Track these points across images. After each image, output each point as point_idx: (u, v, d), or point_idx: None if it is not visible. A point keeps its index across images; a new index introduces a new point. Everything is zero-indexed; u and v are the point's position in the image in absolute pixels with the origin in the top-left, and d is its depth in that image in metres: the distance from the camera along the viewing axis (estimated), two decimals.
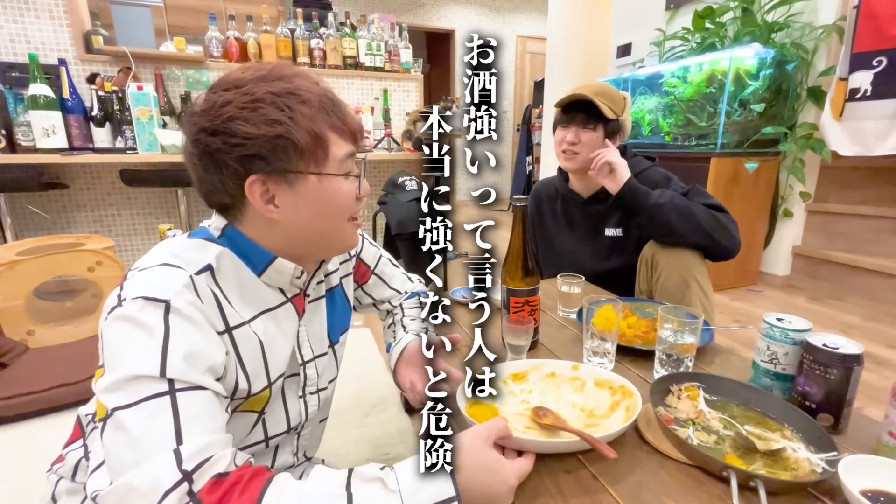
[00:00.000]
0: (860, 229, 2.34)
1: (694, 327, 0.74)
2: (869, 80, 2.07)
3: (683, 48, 2.85)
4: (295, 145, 0.51)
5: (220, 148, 0.50)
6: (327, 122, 0.53)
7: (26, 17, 2.26)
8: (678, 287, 1.12)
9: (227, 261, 0.55)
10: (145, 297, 0.45)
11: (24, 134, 2.09)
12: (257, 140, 0.50)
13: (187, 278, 0.49)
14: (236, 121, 0.49)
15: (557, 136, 1.26)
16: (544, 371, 0.76)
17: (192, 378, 0.44)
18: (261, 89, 0.50)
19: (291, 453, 0.69)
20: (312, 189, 0.54)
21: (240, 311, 0.54)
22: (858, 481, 0.49)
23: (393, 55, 2.93)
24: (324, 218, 0.57)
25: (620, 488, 0.54)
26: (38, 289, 1.72)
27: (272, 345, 0.57)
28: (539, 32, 6.01)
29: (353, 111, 0.59)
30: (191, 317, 0.47)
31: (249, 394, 0.55)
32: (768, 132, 2.34)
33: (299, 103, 0.51)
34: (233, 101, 0.50)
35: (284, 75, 0.53)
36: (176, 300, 0.46)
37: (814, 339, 0.63)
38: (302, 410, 0.65)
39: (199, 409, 0.43)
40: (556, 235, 1.40)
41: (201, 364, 0.46)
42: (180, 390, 0.43)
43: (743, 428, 0.61)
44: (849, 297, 2.32)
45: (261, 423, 0.60)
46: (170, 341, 0.44)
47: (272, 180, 0.52)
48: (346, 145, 0.56)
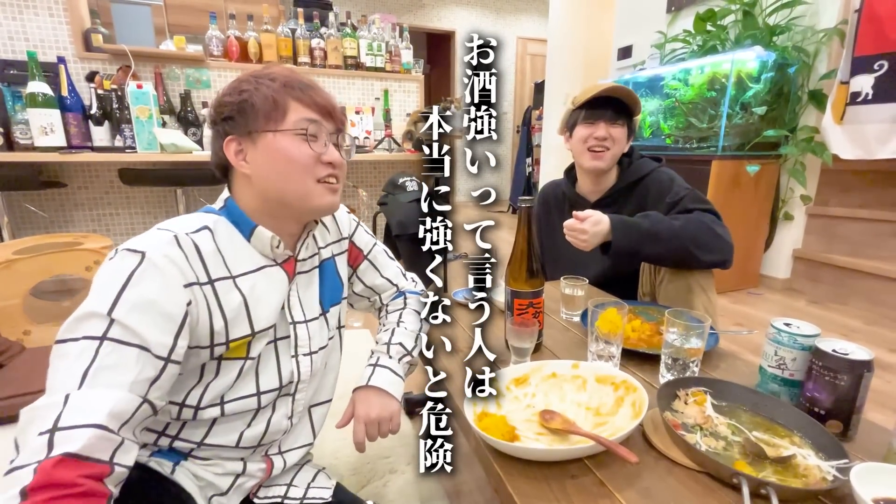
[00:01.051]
0: (861, 233, 2.33)
1: (700, 331, 0.73)
2: (870, 84, 2.07)
3: (685, 51, 2.85)
4: (253, 107, 0.62)
5: (213, 118, 0.65)
6: (290, 94, 0.63)
7: (25, 14, 2.25)
8: (682, 290, 1.11)
9: (223, 226, 0.64)
10: (127, 249, 0.54)
11: (22, 132, 2.08)
12: (230, 105, 0.63)
13: (171, 237, 0.57)
14: (223, 95, 0.64)
15: (581, 133, 1.21)
16: (545, 372, 0.75)
17: (132, 322, 0.50)
18: (246, 74, 0.65)
19: (286, 416, 0.71)
20: (270, 145, 0.62)
21: (230, 267, 0.62)
22: (871, 490, 0.48)
23: (394, 56, 2.92)
24: (279, 172, 0.63)
25: (628, 495, 0.53)
26: (34, 288, 1.71)
27: (259, 299, 0.64)
28: (540, 34, 6.01)
29: (330, 95, 0.67)
30: (162, 268, 0.54)
31: (228, 339, 0.61)
32: (769, 135, 2.34)
33: (267, 79, 0.63)
34: (229, 86, 0.65)
35: (273, 72, 0.65)
36: (152, 252, 0.54)
37: (823, 345, 0.63)
38: (294, 370, 0.70)
39: (115, 360, 0.49)
40: (563, 238, 1.39)
41: (150, 311, 0.52)
42: (110, 339, 0.49)
43: (751, 434, 0.60)
44: (850, 301, 2.32)
45: (253, 376, 0.65)
46: (128, 287, 0.52)
47: (242, 139, 0.63)
48: (306, 111, 0.64)
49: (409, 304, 0.88)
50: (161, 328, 0.53)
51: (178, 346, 0.54)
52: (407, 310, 0.87)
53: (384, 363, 0.79)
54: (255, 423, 0.67)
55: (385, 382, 0.76)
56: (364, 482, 1.08)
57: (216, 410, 0.63)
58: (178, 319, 0.54)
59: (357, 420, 0.73)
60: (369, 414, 0.73)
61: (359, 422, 0.73)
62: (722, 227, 1.08)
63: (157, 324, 0.52)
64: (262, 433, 0.68)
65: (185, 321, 0.55)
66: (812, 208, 2.50)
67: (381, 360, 0.79)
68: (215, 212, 0.66)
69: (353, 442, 0.73)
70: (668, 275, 1.14)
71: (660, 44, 3.04)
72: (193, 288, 0.57)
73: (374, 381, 0.76)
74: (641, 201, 1.21)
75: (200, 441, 0.64)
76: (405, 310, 0.87)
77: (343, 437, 1.20)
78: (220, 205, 0.67)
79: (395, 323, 0.85)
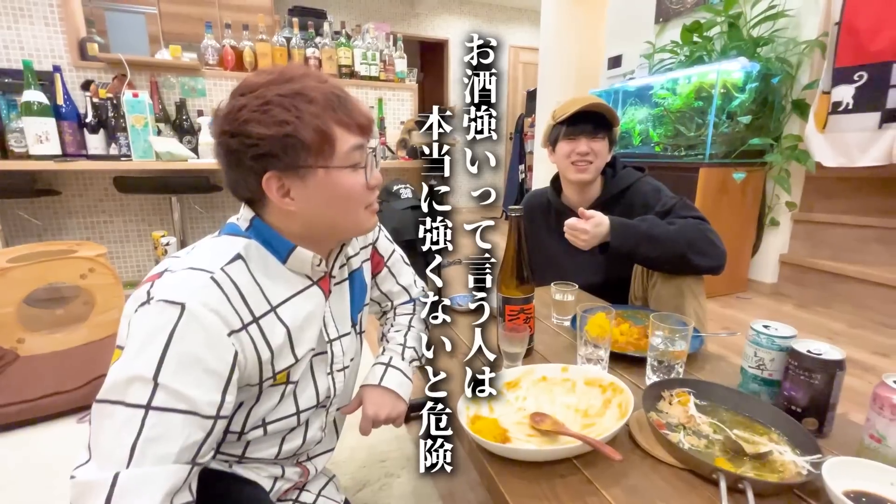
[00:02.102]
0: (845, 238, 2.40)
1: (684, 334, 0.76)
2: (850, 94, 2.14)
3: (672, 61, 2.91)
4: (302, 143, 0.55)
5: (238, 149, 0.56)
6: (333, 118, 0.57)
7: (21, 23, 2.26)
8: (673, 295, 1.14)
9: (255, 251, 0.60)
10: (164, 300, 0.50)
11: (16, 140, 2.08)
12: (269, 140, 0.54)
13: (207, 279, 0.53)
14: (250, 123, 0.54)
15: (563, 149, 1.25)
16: (536, 376, 0.77)
17: (178, 385, 0.48)
18: (271, 92, 0.55)
19: (320, 428, 0.73)
20: (321, 181, 0.58)
21: (269, 297, 0.59)
22: (841, 483, 0.51)
23: (388, 64, 2.96)
24: (335, 207, 0.61)
25: (615, 492, 0.56)
26: (28, 296, 1.71)
27: (302, 327, 0.63)
28: (532, 43, 6.10)
29: (363, 106, 0.62)
30: (203, 321, 0.51)
31: (275, 372, 0.60)
32: (755, 143, 2.40)
33: (306, 103, 0.55)
34: (247, 105, 0.55)
35: (294, 76, 0.57)
36: (192, 302, 0.50)
37: (798, 346, 0.66)
38: (330, 386, 0.70)
39: (161, 431, 0.47)
40: (550, 248, 1.41)
41: (195, 369, 0.50)
42: (154, 408, 0.47)
43: (732, 432, 0.63)
44: (834, 305, 2.37)
45: (292, 398, 0.65)
46: (171, 346, 0.49)
47: (286, 176, 0.57)
48: (352, 138, 0.59)
49: (417, 311, 0.89)
50: (208, 386, 0.51)
51: (227, 401, 0.53)
52: (416, 317, 0.88)
53: (397, 364, 0.79)
54: (293, 437, 0.69)
55: (396, 384, 0.77)
56: (360, 486, 1.10)
57: (259, 432, 0.63)
58: (226, 374, 0.52)
59: (365, 418, 0.74)
60: (379, 414, 0.74)
61: (367, 420, 0.74)
62: (715, 235, 1.11)
63: (203, 382, 0.50)
64: (300, 446, 0.70)
65: (233, 373, 0.53)
66: (797, 214, 2.56)
67: (393, 360, 0.80)
68: (242, 233, 0.61)
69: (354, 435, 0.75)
70: (659, 280, 1.17)
71: (648, 54, 3.11)
72: (239, 334, 0.54)
73: (387, 383, 0.76)
74: (627, 211, 1.24)
75: (241, 455, 0.66)
76: (415, 316, 0.88)
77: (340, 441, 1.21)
78: (246, 225, 0.62)
79: (406, 326, 0.86)
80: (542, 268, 1.42)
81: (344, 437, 0.77)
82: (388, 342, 0.84)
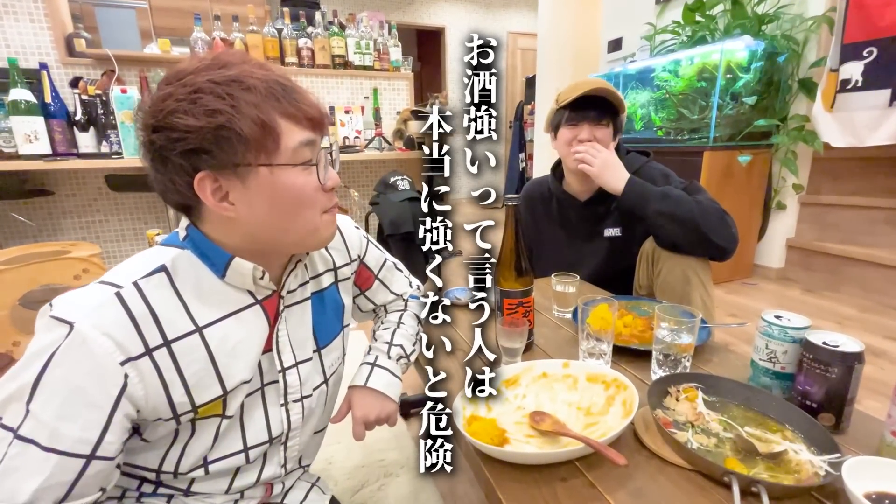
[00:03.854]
0: (853, 220, 2.34)
1: (691, 326, 0.73)
2: (860, 71, 2.06)
3: (674, 42, 2.84)
4: (239, 135, 0.47)
5: (164, 145, 0.48)
6: (277, 108, 0.50)
7: (5, 20, 2.21)
8: (679, 282, 1.10)
9: (186, 262, 0.53)
10: (55, 316, 0.45)
11: (5, 140, 2.04)
12: (199, 133, 0.47)
13: (110, 295, 0.47)
14: (176, 114, 0.47)
15: (565, 135, 1.20)
16: (535, 372, 0.74)
17: (47, 416, 0.43)
18: (201, 78, 0.47)
19: (279, 464, 0.66)
20: (265, 182, 0.50)
21: (196, 316, 0.52)
22: (862, 484, 0.48)
23: (382, 54, 2.90)
24: (283, 213, 0.53)
25: (619, 496, 0.52)
26: (23, 298, 1.68)
27: (231, 353, 0.54)
28: (529, 28, 5.99)
29: (313, 97, 0.54)
30: (91, 345, 0.45)
31: (195, 405, 0.52)
32: (760, 125, 2.33)
33: (243, 90, 0.48)
34: (173, 94, 0.47)
35: (229, 62, 0.50)
36: (81, 322, 0.45)
37: (813, 337, 0.62)
38: (283, 419, 0.63)
39: (21, 463, 0.43)
40: (551, 238, 1.37)
41: (71, 402, 0.44)
42: (19, 438, 0.43)
43: (743, 430, 0.59)
44: (843, 289, 2.32)
45: (238, 433, 0.58)
46: (47, 371, 0.44)
47: (222, 176, 0.49)
48: (301, 132, 0.52)
49: (409, 307, 0.86)
50: (84, 421, 0.44)
51: (107, 440, 0.46)
52: (407, 313, 0.85)
53: (383, 363, 0.76)
54: (243, 475, 0.62)
55: (383, 385, 0.74)
56: (358, 487, 1.07)
57: (199, 472, 0.57)
58: (108, 409, 0.46)
59: (356, 422, 0.71)
60: (368, 416, 0.71)
61: (357, 424, 0.71)
62: (730, 218, 1.07)
63: (78, 416, 0.44)
64: (254, 482, 0.63)
65: (118, 408, 0.46)
66: (804, 197, 2.50)
67: (379, 359, 0.77)
68: (178, 243, 0.54)
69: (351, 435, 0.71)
70: (665, 266, 1.13)
71: (649, 35, 3.03)
72: (138, 362, 0.47)
73: (373, 384, 0.73)
74: None
75: (187, 489, 0.59)
76: (405, 312, 0.85)
77: (337, 441, 1.19)
78: (184, 234, 0.55)
79: (395, 323, 0.82)
80: (543, 258, 1.38)
81: (340, 436, 0.74)
82: (376, 340, 0.81)
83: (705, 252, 1.09)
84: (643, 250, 1.20)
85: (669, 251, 1.12)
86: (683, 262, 1.10)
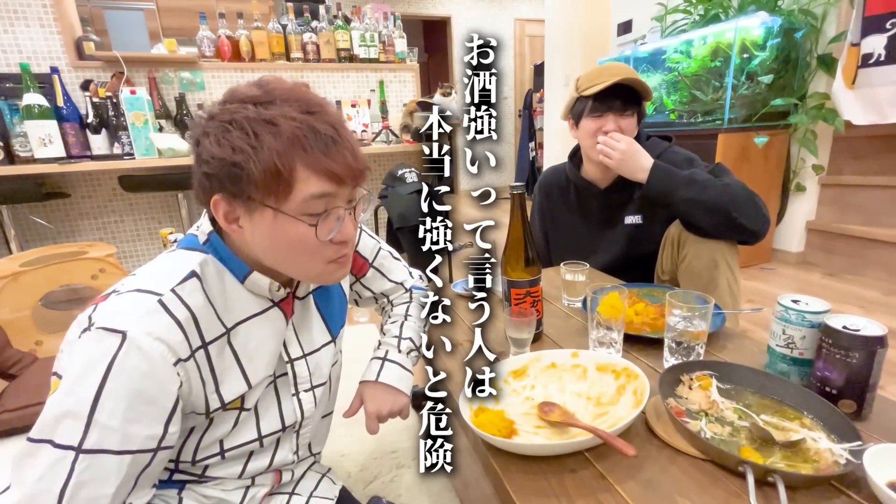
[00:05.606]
0: (876, 201, 2.25)
1: (704, 312, 0.71)
2: (882, 45, 1.98)
3: (686, 21, 2.75)
4: (249, 176, 0.48)
5: (196, 158, 0.52)
6: (301, 157, 0.49)
7: (17, 26, 2.24)
8: (707, 267, 1.06)
9: (212, 268, 0.55)
10: (104, 328, 0.46)
11: (21, 144, 2.09)
12: (216, 162, 0.49)
13: (154, 303, 0.49)
14: (209, 137, 0.49)
15: (589, 126, 1.15)
16: (544, 363, 0.73)
17: (115, 423, 0.45)
18: (242, 113, 0.49)
19: (291, 451, 0.68)
20: (268, 222, 0.51)
21: (223, 318, 0.55)
22: (885, 473, 0.46)
23: (387, 45, 2.87)
24: (281, 253, 0.54)
25: (630, 487, 0.51)
26: (44, 298, 1.73)
27: (253, 353, 0.58)
28: (537, 15, 5.87)
29: (351, 150, 0.52)
30: (147, 351, 0.46)
31: (224, 403, 0.56)
32: (778, 104, 2.26)
33: (270, 133, 0.48)
34: (216, 117, 0.50)
35: (276, 99, 0.50)
36: (134, 330, 0.46)
37: (833, 322, 0.59)
38: (296, 409, 0.65)
39: (93, 474, 0.44)
40: (570, 226, 1.33)
41: (136, 404, 0.46)
42: (85, 451, 0.44)
43: (759, 418, 0.57)
44: (866, 272, 2.25)
45: (253, 422, 0.61)
46: (109, 379, 0.45)
47: (235, 202, 0.51)
48: (319, 184, 0.50)
49: (415, 298, 0.86)
50: (150, 419, 0.47)
51: (170, 432, 0.49)
52: (413, 304, 0.85)
53: (393, 358, 0.77)
54: (257, 459, 0.64)
55: (394, 379, 0.74)
56: (371, 478, 1.08)
57: (216, 458, 0.59)
58: (170, 405, 0.49)
59: (368, 417, 0.72)
60: (381, 411, 0.71)
61: (370, 418, 0.72)
62: (761, 200, 1.03)
63: (143, 416, 0.47)
64: (266, 466, 0.65)
65: (177, 404, 0.50)
66: (825, 178, 2.42)
67: (389, 353, 0.77)
68: (199, 246, 0.56)
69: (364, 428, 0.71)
70: (691, 251, 1.09)
71: (660, 16, 2.94)
72: (186, 363, 0.50)
73: (384, 378, 0.74)
74: None
75: (201, 474, 0.62)
76: (412, 304, 0.85)
77: (350, 433, 1.20)
78: (204, 238, 0.57)
79: (402, 316, 0.83)
80: (562, 247, 1.36)
81: (352, 428, 0.74)
82: (384, 335, 0.81)
83: (737, 236, 1.05)
84: (668, 234, 1.16)
85: (697, 235, 1.08)
86: (712, 246, 1.06)
